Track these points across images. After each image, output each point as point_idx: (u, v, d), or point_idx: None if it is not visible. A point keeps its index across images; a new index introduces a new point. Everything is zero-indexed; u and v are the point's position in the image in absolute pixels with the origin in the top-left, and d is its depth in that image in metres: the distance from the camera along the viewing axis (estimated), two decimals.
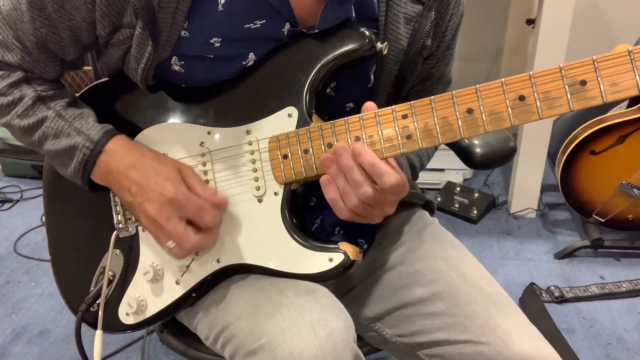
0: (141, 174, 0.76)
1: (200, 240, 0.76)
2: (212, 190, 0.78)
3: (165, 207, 0.74)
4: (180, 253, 0.76)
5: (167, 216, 0.74)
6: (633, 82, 0.60)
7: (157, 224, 0.75)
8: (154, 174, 0.76)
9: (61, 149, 0.80)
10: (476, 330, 0.79)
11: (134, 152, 0.79)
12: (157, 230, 0.76)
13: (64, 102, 0.82)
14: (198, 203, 0.75)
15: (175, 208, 0.74)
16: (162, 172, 0.76)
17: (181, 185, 0.76)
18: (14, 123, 0.82)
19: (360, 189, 0.70)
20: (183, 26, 0.75)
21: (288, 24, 0.78)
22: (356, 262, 0.75)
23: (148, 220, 0.76)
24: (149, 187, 0.75)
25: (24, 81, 0.81)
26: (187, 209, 0.75)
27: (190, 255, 0.81)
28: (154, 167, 0.77)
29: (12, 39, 0.79)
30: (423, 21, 0.81)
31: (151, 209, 0.75)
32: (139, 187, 0.76)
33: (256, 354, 0.72)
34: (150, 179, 0.76)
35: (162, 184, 0.75)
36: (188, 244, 0.75)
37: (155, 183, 0.75)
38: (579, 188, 1.91)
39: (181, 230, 0.75)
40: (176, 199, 0.74)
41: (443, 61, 0.91)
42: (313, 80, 0.76)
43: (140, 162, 0.77)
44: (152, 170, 0.76)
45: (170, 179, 0.76)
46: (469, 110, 0.67)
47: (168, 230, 0.75)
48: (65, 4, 0.75)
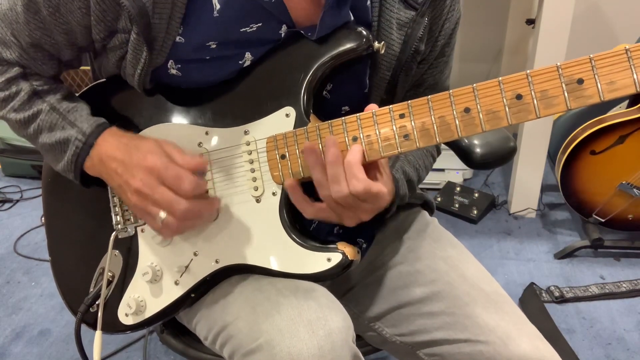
0: (124, 153, 0.76)
1: (193, 204, 0.74)
2: (190, 157, 0.76)
3: (147, 177, 0.73)
4: (174, 221, 0.73)
5: (151, 185, 0.73)
6: (630, 81, 0.60)
7: (143, 194, 0.74)
8: (135, 151, 0.76)
9: (55, 142, 0.80)
10: (475, 330, 0.79)
11: (122, 138, 0.79)
12: (146, 204, 0.74)
13: (58, 96, 0.83)
14: (176, 171, 0.73)
15: (157, 176, 0.73)
16: (143, 146, 0.76)
17: (161, 155, 0.75)
18: (10, 116, 0.82)
19: (335, 185, 0.70)
20: (178, 32, 0.75)
21: (285, 26, 0.77)
22: (354, 261, 0.75)
23: (135, 194, 0.75)
24: (132, 163, 0.75)
25: (21, 77, 0.82)
26: (166, 176, 0.73)
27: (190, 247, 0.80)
28: (136, 144, 0.77)
29: (9, 36, 0.79)
30: (416, 27, 0.81)
31: (135, 182, 0.74)
32: (123, 166, 0.76)
33: (255, 353, 0.72)
34: (132, 155, 0.76)
35: (143, 156, 0.75)
36: (178, 206, 0.73)
37: (137, 157, 0.75)
38: (579, 188, 1.91)
39: (168, 195, 0.73)
40: (155, 167, 0.73)
41: (436, 68, 0.90)
42: (311, 80, 0.76)
43: (125, 145, 0.77)
44: (134, 148, 0.76)
45: (150, 151, 0.75)
46: (466, 110, 0.67)
47: (155, 198, 0.73)
48: (60, 8, 0.75)
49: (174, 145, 0.78)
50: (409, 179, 0.90)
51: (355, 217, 0.74)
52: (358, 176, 0.69)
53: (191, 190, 0.73)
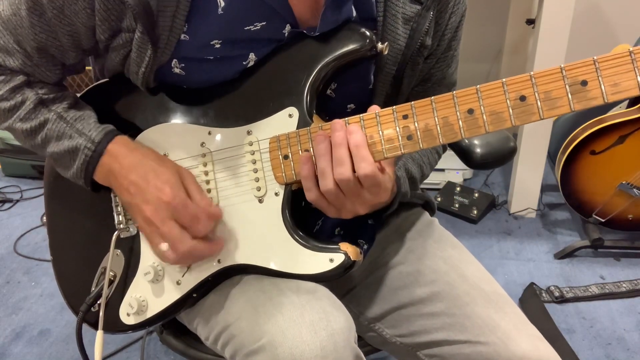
0: (141, 175, 0.76)
1: (196, 245, 0.75)
2: (209, 200, 0.78)
3: (161, 210, 0.74)
4: (174, 256, 0.75)
5: (163, 218, 0.74)
6: (634, 83, 0.60)
7: (153, 225, 0.75)
8: (153, 176, 0.76)
9: (63, 151, 0.80)
10: (475, 330, 0.79)
11: (135, 152, 0.79)
12: (152, 232, 0.76)
13: (65, 104, 0.83)
14: (193, 210, 0.75)
15: (171, 212, 0.74)
16: (162, 174, 0.76)
17: (180, 190, 0.76)
18: (17, 126, 0.82)
19: (340, 167, 0.70)
20: (182, 30, 0.75)
21: (288, 25, 0.77)
22: (357, 262, 0.75)
23: (144, 221, 0.76)
24: (148, 189, 0.75)
25: (25, 85, 0.81)
26: (182, 214, 0.74)
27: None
28: (154, 168, 0.77)
29: (12, 44, 0.79)
30: (421, 21, 0.81)
31: (148, 210, 0.75)
32: (138, 188, 0.76)
33: (257, 354, 0.72)
34: (149, 181, 0.76)
35: (161, 186, 0.75)
36: (182, 246, 0.74)
37: (154, 185, 0.75)
38: (579, 188, 1.91)
39: (176, 232, 0.74)
40: (172, 203, 0.74)
41: (444, 62, 0.90)
42: (314, 81, 0.76)
43: (141, 163, 0.77)
44: (152, 172, 0.76)
45: (169, 182, 0.76)
46: (469, 111, 0.67)
47: (163, 231, 0.74)
48: (65, 10, 0.75)
49: (193, 179, 0.79)
50: (411, 176, 0.90)
51: (353, 208, 0.74)
52: (367, 158, 0.69)
53: (205, 232, 0.75)
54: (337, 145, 0.70)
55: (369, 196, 0.73)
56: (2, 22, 0.78)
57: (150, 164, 0.77)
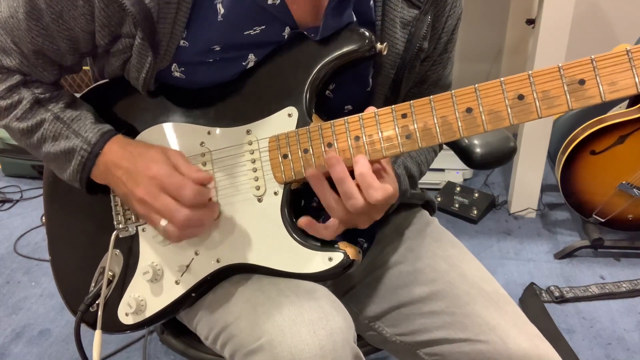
0: (130, 162, 0.77)
1: (193, 213, 0.74)
2: (196, 167, 0.77)
3: (150, 186, 0.74)
4: (176, 230, 0.74)
5: (154, 194, 0.74)
6: (632, 82, 0.60)
7: (147, 203, 0.74)
8: (141, 160, 0.76)
9: (59, 151, 0.80)
10: (475, 329, 0.80)
11: (128, 147, 0.79)
12: (149, 211, 0.75)
13: (61, 104, 0.82)
14: (178, 178, 0.74)
15: (159, 185, 0.74)
16: (148, 155, 0.77)
17: (164, 164, 0.75)
18: (13, 125, 0.82)
19: (350, 200, 0.70)
20: (182, 36, 0.75)
21: (288, 28, 0.78)
22: (356, 261, 0.75)
23: (139, 203, 0.75)
24: (137, 171, 0.75)
25: (22, 84, 0.81)
26: (168, 185, 0.73)
27: (191, 247, 0.81)
28: (141, 153, 0.77)
29: (9, 44, 0.79)
30: (419, 25, 0.81)
31: (139, 191, 0.74)
32: (129, 175, 0.76)
33: (256, 353, 0.72)
34: (137, 164, 0.76)
35: (147, 165, 0.75)
36: (178, 216, 0.73)
37: (141, 166, 0.75)
38: (579, 188, 1.91)
39: (169, 204, 0.73)
40: (158, 176, 0.74)
41: (440, 64, 0.91)
42: (313, 80, 0.76)
43: (130, 153, 0.78)
44: (139, 156, 0.77)
45: (154, 159, 0.76)
46: (468, 110, 0.67)
47: (157, 207, 0.74)
48: (64, 15, 0.74)
49: (181, 154, 0.78)
50: (410, 174, 0.90)
51: (370, 219, 0.75)
52: (374, 185, 0.69)
53: (192, 198, 0.73)
54: (341, 181, 0.70)
55: (382, 208, 0.73)
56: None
57: (138, 151, 0.78)
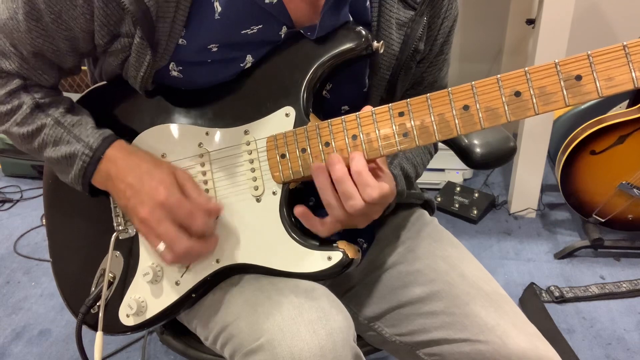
0: (136, 177, 0.76)
1: (193, 245, 0.74)
2: (206, 196, 0.78)
3: (156, 210, 0.74)
4: (172, 257, 0.74)
5: (158, 218, 0.73)
6: (628, 77, 0.60)
7: (149, 226, 0.74)
8: (148, 178, 0.76)
9: (61, 156, 0.80)
10: (475, 329, 0.79)
11: (132, 156, 0.79)
12: (149, 233, 0.75)
13: (62, 109, 0.82)
14: (189, 208, 0.74)
15: (167, 211, 0.74)
16: (156, 175, 0.76)
17: (174, 189, 0.75)
18: (13, 130, 0.82)
19: (350, 200, 0.70)
20: (181, 34, 0.75)
21: (285, 27, 0.78)
22: (355, 260, 0.75)
23: (140, 223, 0.75)
24: (143, 190, 0.75)
25: (22, 89, 0.81)
26: (178, 213, 0.74)
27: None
28: (149, 170, 0.77)
29: (9, 47, 0.79)
30: (415, 26, 0.81)
31: (143, 211, 0.74)
32: (133, 191, 0.75)
33: (256, 353, 0.72)
34: (144, 183, 0.75)
35: (156, 187, 0.74)
36: (179, 246, 0.73)
37: (149, 186, 0.75)
38: (579, 188, 1.91)
39: (172, 233, 0.73)
40: (167, 203, 0.74)
41: (435, 66, 0.91)
42: (310, 80, 0.76)
43: (137, 166, 0.77)
44: (146, 174, 0.76)
45: (163, 182, 0.75)
46: (465, 107, 0.67)
47: (159, 232, 0.74)
48: (63, 15, 0.74)
49: (190, 177, 0.78)
50: (406, 175, 0.90)
51: (368, 220, 0.75)
52: (370, 183, 0.69)
53: (202, 228, 0.74)
54: (340, 181, 0.70)
55: (380, 206, 0.73)
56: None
57: (145, 166, 0.77)
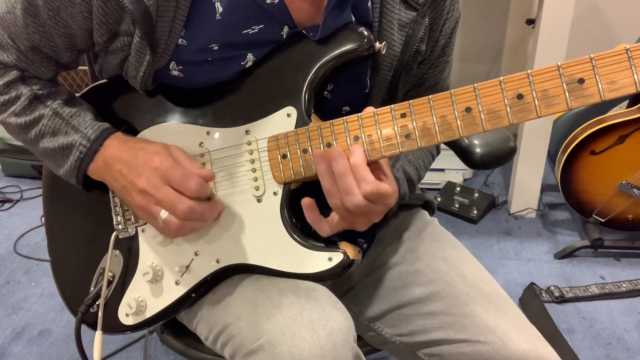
0: (130, 155, 0.76)
1: (195, 205, 0.73)
2: (198, 164, 0.77)
3: (153, 177, 0.74)
4: (175, 221, 0.73)
5: (156, 184, 0.73)
6: (631, 80, 0.60)
7: (148, 194, 0.74)
8: (142, 152, 0.76)
9: (58, 147, 0.80)
10: (475, 330, 0.79)
11: (128, 142, 0.79)
12: (149, 203, 0.74)
13: (60, 100, 0.82)
14: (182, 170, 0.74)
15: (162, 176, 0.73)
16: (149, 148, 0.76)
17: (167, 156, 0.75)
18: (11, 121, 0.82)
19: (349, 196, 0.70)
20: (180, 34, 0.75)
21: (286, 27, 0.78)
22: (355, 261, 0.75)
23: (139, 195, 0.75)
24: (137, 164, 0.75)
25: (19, 80, 0.81)
26: (172, 175, 0.73)
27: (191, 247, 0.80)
28: (142, 147, 0.77)
29: (7, 39, 0.79)
30: (417, 27, 0.81)
31: (140, 181, 0.74)
32: (129, 167, 0.76)
33: (256, 353, 0.72)
34: (138, 157, 0.76)
35: (149, 157, 0.75)
36: (181, 206, 0.72)
37: (142, 159, 0.75)
38: (579, 188, 1.91)
39: (172, 194, 0.73)
40: (161, 167, 0.74)
41: (437, 67, 0.91)
42: (312, 80, 0.76)
43: (131, 147, 0.78)
44: (140, 149, 0.77)
45: (157, 152, 0.76)
46: (467, 109, 0.67)
47: (159, 197, 0.73)
48: (61, 12, 0.74)
49: (182, 150, 0.78)
50: (409, 178, 0.90)
51: (368, 221, 0.74)
52: (366, 178, 0.69)
53: (197, 189, 0.73)
54: (341, 175, 0.70)
55: (379, 207, 0.73)
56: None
57: (139, 145, 0.78)
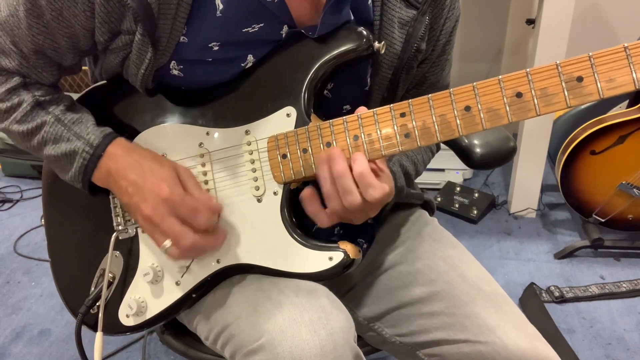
0: (138, 174, 0.76)
1: (198, 239, 0.74)
2: (208, 194, 0.78)
3: (160, 207, 0.74)
4: (177, 253, 0.74)
5: (162, 215, 0.74)
6: (629, 78, 0.61)
7: (153, 223, 0.74)
8: (150, 175, 0.76)
9: (61, 154, 0.80)
10: (475, 330, 0.79)
11: (132, 153, 0.79)
12: (154, 230, 0.75)
13: (62, 107, 0.82)
14: (192, 203, 0.74)
15: (170, 207, 0.74)
16: (159, 172, 0.76)
17: (177, 186, 0.75)
18: (13, 128, 0.82)
19: (349, 195, 0.70)
20: (182, 32, 0.75)
21: (286, 27, 0.78)
22: (356, 261, 0.75)
23: (144, 220, 0.75)
24: (145, 187, 0.75)
25: (21, 87, 0.81)
26: (181, 209, 0.74)
27: (188, 259, 0.81)
28: (151, 167, 0.77)
29: (9, 45, 0.79)
30: (417, 26, 0.81)
31: (146, 208, 0.74)
32: (136, 188, 0.75)
33: (256, 353, 0.72)
34: (146, 180, 0.75)
35: (158, 184, 0.75)
36: (185, 241, 0.73)
37: (151, 183, 0.75)
38: (579, 188, 1.91)
39: (177, 228, 0.73)
40: (170, 199, 0.74)
41: (438, 66, 0.91)
42: (311, 80, 0.76)
43: (138, 164, 0.77)
44: (149, 171, 0.76)
45: (166, 179, 0.75)
46: (466, 108, 0.67)
47: (164, 228, 0.74)
48: (64, 12, 0.74)
49: (191, 175, 0.78)
50: (406, 172, 0.90)
51: (365, 216, 0.75)
52: (373, 184, 0.70)
53: (205, 225, 0.74)
54: (341, 176, 0.70)
55: (378, 205, 0.73)
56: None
57: (147, 164, 0.77)
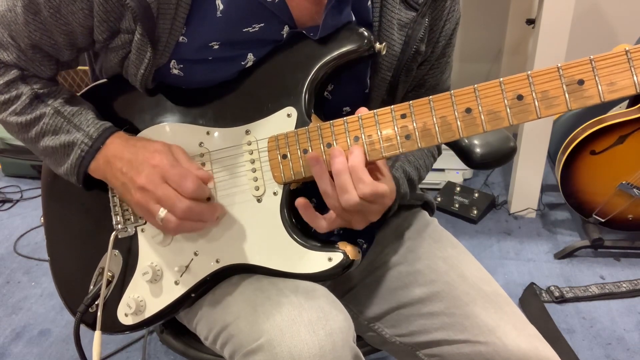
0: (131, 153, 0.77)
1: (194, 204, 0.73)
2: (197, 165, 0.78)
3: (152, 174, 0.74)
4: (174, 221, 0.73)
5: (156, 182, 0.74)
6: (630, 82, 0.61)
7: (147, 191, 0.74)
8: (143, 150, 0.77)
9: (59, 145, 0.80)
10: (475, 330, 0.79)
11: (130, 141, 0.79)
12: (148, 200, 0.74)
13: (61, 99, 0.83)
14: (181, 170, 0.74)
15: (161, 174, 0.74)
16: (150, 146, 0.77)
17: (168, 155, 0.76)
18: (11, 120, 0.82)
19: (345, 194, 0.70)
20: (181, 32, 0.75)
21: (287, 27, 0.77)
22: (355, 261, 0.75)
23: (139, 192, 0.75)
24: (138, 160, 0.75)
25: (20, 79, 0.81)
26: (171, 174, 0.73)
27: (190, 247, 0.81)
28: (143, 145, 0.78)
29: (7, 38, 0.79)
30: (416, 27, 0.81)
31: (140, 178, 0.74)
32: (130, 165, 0.76)
33: (255, 353, 0.72)
34: (139, 154, 0.76)
35: (150, 155, 0.75)
36: (180, 205, 0.72)
37: (143, 156, 0.76)
38: (579, 188, 1.91)
39: (171, 193, 0.73)
40: (161, 165, 0.74)
41: (438, 68, 0.91)
42: (312, 80, 0.76)
43: (133, 145, 0.78)
44: (141, 147, 0.77)
45: (158, 150, 0.76)
46: (467, 110, 0.67)
47: (158, 195, 0.73)
48: (62, 9, 0.74)
49: (183, 150, 0.78)
50: (409, 178, 0.90)
51: (365, 220, 0.74)
52: (364, 179, 0.69)
53: (194, 189, 0.73)
54: (339, 173, 0.70)
55: (377, 207, 0.73)
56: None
57: (141, 143, 0.78)
